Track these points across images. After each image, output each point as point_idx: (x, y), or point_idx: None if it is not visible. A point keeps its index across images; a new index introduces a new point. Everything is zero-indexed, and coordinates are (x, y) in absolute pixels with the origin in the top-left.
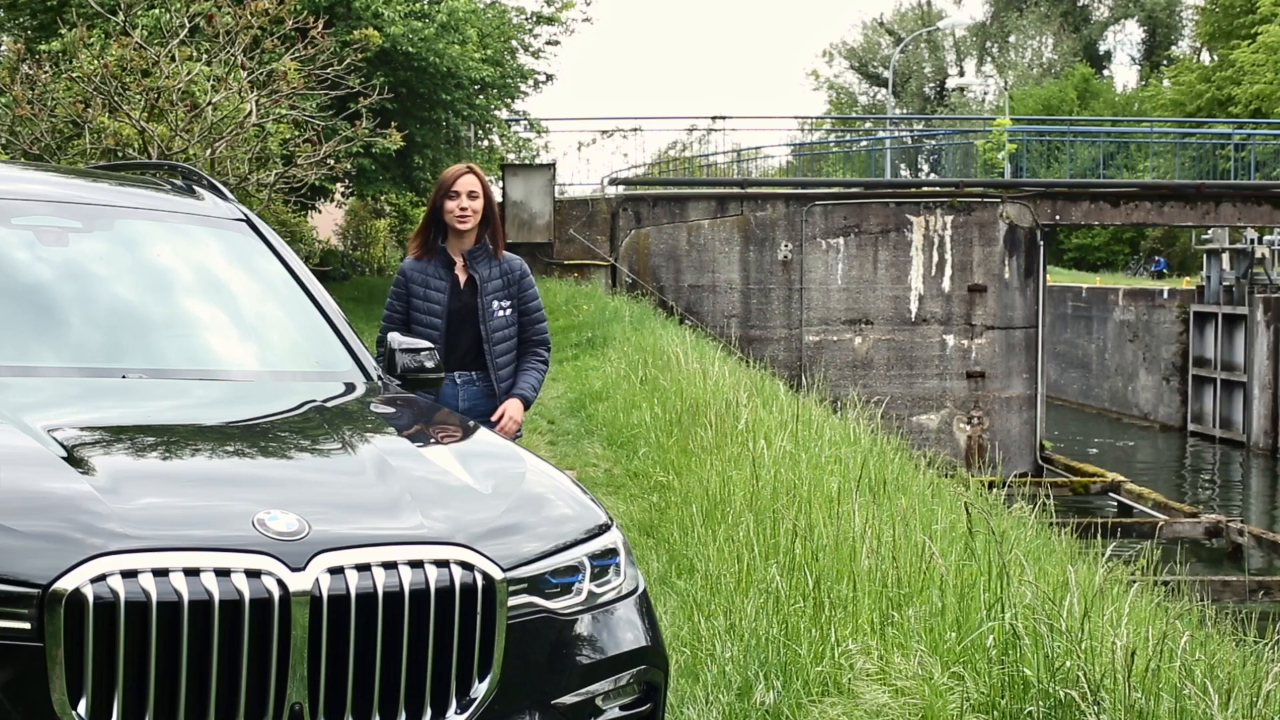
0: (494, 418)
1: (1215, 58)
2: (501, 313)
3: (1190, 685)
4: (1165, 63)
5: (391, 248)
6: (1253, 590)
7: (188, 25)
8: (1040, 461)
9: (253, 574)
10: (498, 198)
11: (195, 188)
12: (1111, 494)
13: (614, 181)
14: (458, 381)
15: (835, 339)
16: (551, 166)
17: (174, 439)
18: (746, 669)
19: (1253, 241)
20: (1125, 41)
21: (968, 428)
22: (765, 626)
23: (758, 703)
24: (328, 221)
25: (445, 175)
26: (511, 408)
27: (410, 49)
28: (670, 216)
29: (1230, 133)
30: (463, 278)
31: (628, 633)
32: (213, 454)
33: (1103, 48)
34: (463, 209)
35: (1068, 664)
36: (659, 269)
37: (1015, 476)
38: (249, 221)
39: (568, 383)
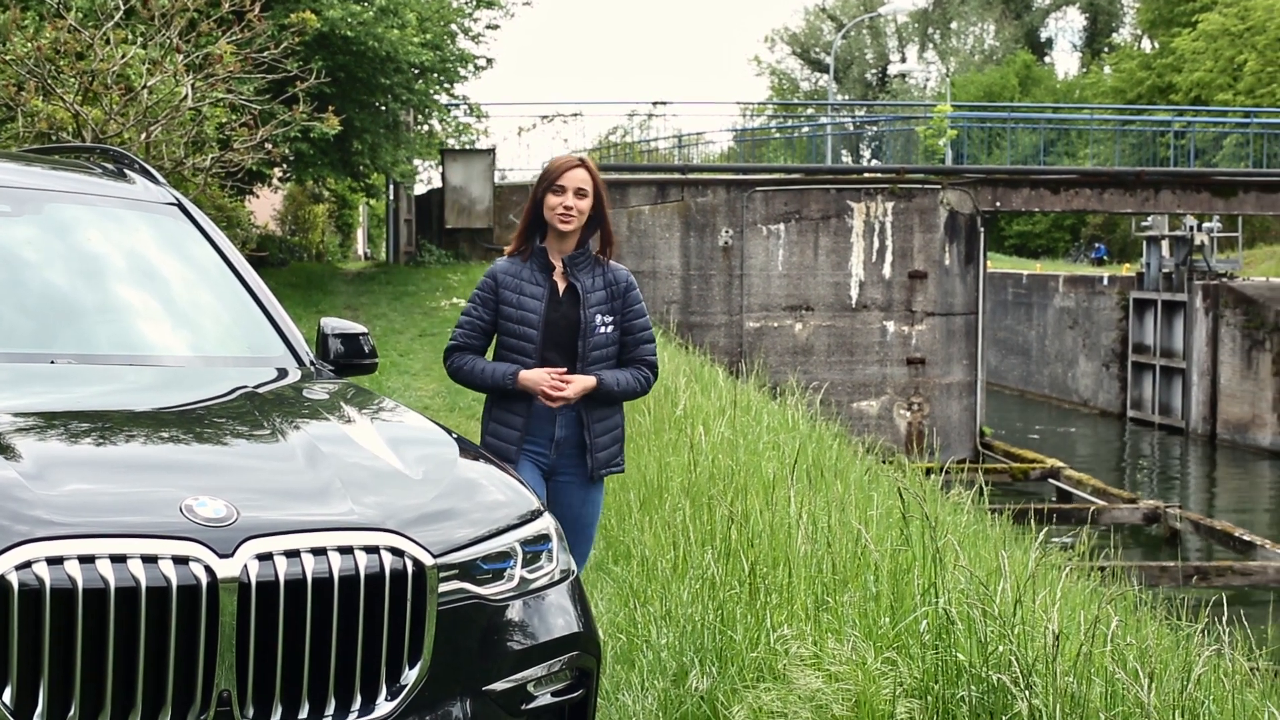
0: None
1: (1156, 45)
2: (604, 329)
3: (1121, 670)
4: (1106, 50)
5: (330, 233)
6: (1189, 576)
7: (123, 7)
8: (980, 448)
9: (180, 560)
10: (436, 183)
11: (126, 171)
12: (1051, 480)
13: None
14: (554, 407)
15: (776, 325)
16: (491, 152)
17: (102, 425)
18: (682, 655)
19: (1192, 228)
20: (1067, 28)
21: (908, 414)
22: (701, 613)
23: (693, 689)
24: (266, 207)
25: (552, 166)
26: (580, 379)
27: (349, 33)
28: (611, 202)
29: (1170, 120)
30: (561, 285)
31: (560, 618)
32: (141, 440)
33: (1044, 34)
34: (567, 208)
35: (1000, 649)
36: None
37: (954, 462)
38: (181, 206)
39: None
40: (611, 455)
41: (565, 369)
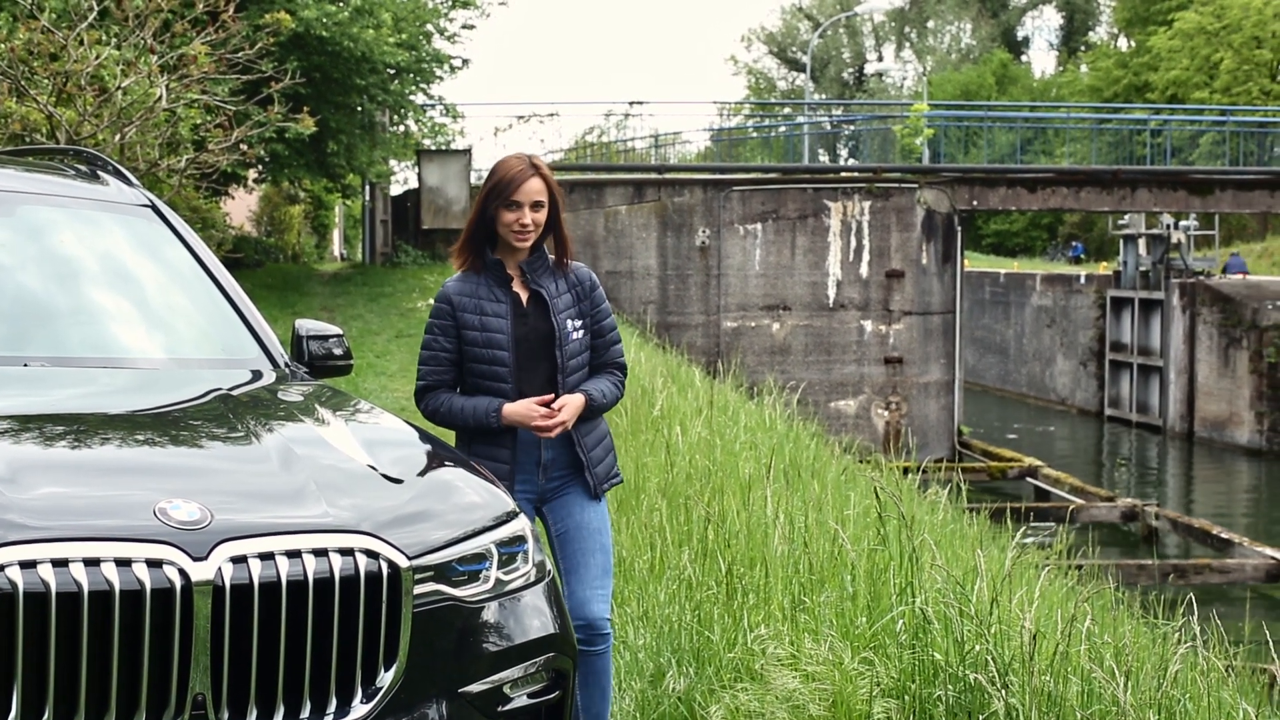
0: (546, 409)
1: (1132, 44)
2: (576, 335)
3: (1097, 669)
4: (1083, 49)
5: (306, 234)
6: (1166, 573)
7: (97, 8)
8: (958, 447)
9: (154, 564)
10: (412, 184)
11: (100, 173)
12: (1029, 479)
13: None
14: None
15: (753, 325)
16: (468, 152)
17: (76, 428)
18: (659, 656)
19: (1168, 227)
20: (1043, 27)
21: (885, 413)
22: (678, 613)
23: (670, 689)
24: (241, 208)
25: (502, 175)
26: (570, 400)
27: (324, 33)
28: (587, 202)
29: (1147, 119)
30: (524, 295)
31: (535, 620)
32: (115, 443)
33: (1021, 33)
34: (524, 225)
35: (977, 648)
36: (576, 255)
37: (932, 462)
38: (154, 207)
39: None
40: (609, 467)
41: (553, 395)
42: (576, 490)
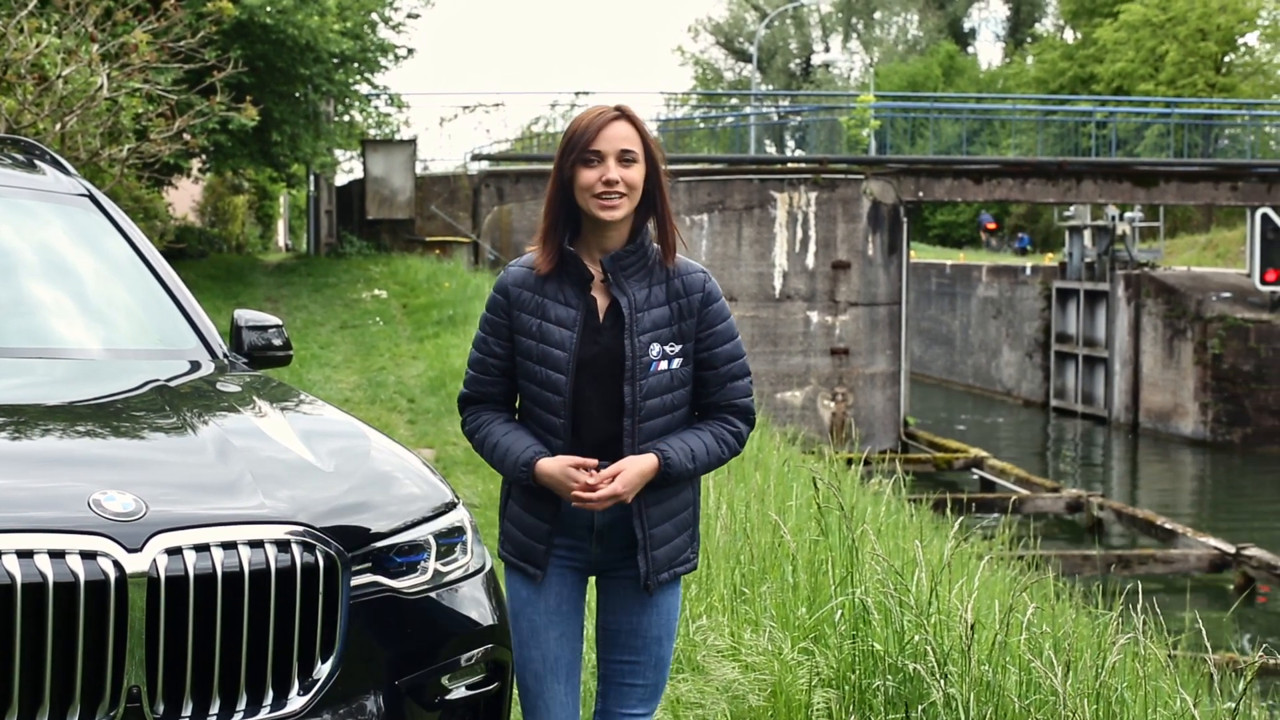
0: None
1: (1078, 36)
2: (663, 364)
3: (1036, 659)
4: (1029, 40)
5: (251, 224)
6: (1110, 564)
7: None
8: (904, 438)
9: (88, 555)
10: (358, 174)
11: (37, 162)
12: (974, 469)
13: (476, 157)
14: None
15: None
16: (413, 142)
17: (11, 419)
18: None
19: (1114, 218)
20: (990, 19)
21: (832, 404)
22: None
23: None
24: (185, 198)
25: (579, 124)
26: (631, 466)
27: (267, 20)
28: (533, 193)
29: (1092, 110)
30: (603, 303)
31: (474, 611)
32: (50, 434)
33: (967, 25)
34: (609, 184)
35: (916, 638)
36: (522, 245)
37: (878, 453)
38: (92, 197)
39: (428, 360)
40: (678, 550)
41: (597, 461)
42: (636, 576)
